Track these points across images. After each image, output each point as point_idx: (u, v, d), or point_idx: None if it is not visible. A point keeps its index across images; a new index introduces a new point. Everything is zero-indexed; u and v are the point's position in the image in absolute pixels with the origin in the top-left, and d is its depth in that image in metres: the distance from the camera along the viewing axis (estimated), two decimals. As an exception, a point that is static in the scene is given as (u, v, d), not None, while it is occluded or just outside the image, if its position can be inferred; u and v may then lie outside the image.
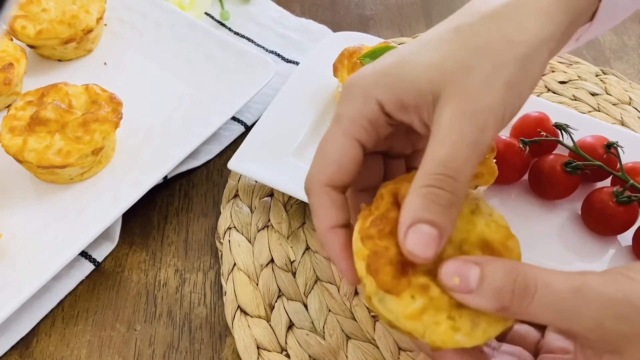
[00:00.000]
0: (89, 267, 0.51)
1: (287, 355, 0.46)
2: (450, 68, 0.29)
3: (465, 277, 0.25)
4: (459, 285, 0.25)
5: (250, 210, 0.55)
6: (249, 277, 0.50)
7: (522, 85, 0.29)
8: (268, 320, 0.48)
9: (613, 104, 0.66)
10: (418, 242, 0.26)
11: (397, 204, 0.29)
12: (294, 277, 0.51)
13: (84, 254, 0.51)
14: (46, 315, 0.48)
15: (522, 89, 0.29)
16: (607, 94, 0.67)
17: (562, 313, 0.25)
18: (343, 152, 0.30)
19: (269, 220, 0.54)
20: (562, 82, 0.68)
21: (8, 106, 0.59)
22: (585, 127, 0.56)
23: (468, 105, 0.28)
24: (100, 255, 0.52)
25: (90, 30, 0.62)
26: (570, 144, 0.54)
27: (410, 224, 0.27)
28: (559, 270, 0.26)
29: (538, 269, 0.26)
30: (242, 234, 0.53)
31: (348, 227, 0.31)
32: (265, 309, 0.48)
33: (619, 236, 0.53)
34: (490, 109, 0.28)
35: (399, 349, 0.46)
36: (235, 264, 0.51)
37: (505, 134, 0.57)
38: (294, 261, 0.52)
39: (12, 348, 0.47)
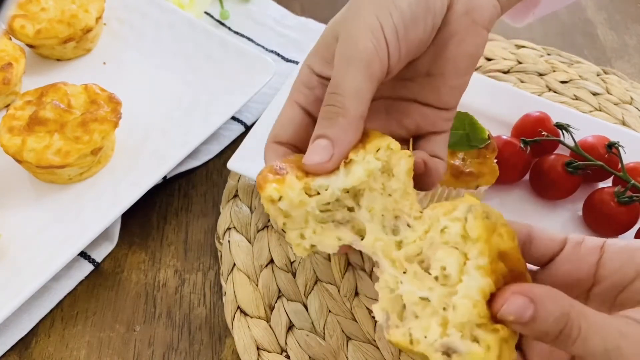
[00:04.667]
0: (88, 268, 0.51)
1: (287, 356, 0.46)
2: (344, 15, 0.35)
3: (519, 315, 0.26)
4: (514, 319, 0.26)
5: (250, 210, 0.55)
6: (248, 277, 0.50)
7: None
8: (268, 321, 0.48)
9: (614, 104, 0.66)
10: (311, 153, 0.31)
11: None
12: (294, 277, 0.50)
13: (83, 255, 0.51)
14: (45, 316, 0.48)
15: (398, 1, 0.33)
16: (608, 93, 0.67)
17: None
18: (284, 114, 0.36)
19: (269, 220, 0.54)
20: (563, 82, 0.68)
21: (7, 106, 0.59)
22: (586, 127, 0.56)
23: (341, 33, 0.33)
24: (99, 255, 0.51)
25: (89, 30, 0.62)
26: (572, 143, 0.54)
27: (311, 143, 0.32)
28: (604, 318, 0.27)
29: (586, 313, 0.27)
30: (242, 234, 0.53)
31: None
32: (265, 309, 0.48)
33: (620, 236, 0.53)
34: (358, 26, 0.32)
35: (400, 350, 0.46)
36: (234, 265, 0.51)
37: (506, 133, 0.57)
38: (293, 262, 0.51)
39: (11, 349, 0.46)
